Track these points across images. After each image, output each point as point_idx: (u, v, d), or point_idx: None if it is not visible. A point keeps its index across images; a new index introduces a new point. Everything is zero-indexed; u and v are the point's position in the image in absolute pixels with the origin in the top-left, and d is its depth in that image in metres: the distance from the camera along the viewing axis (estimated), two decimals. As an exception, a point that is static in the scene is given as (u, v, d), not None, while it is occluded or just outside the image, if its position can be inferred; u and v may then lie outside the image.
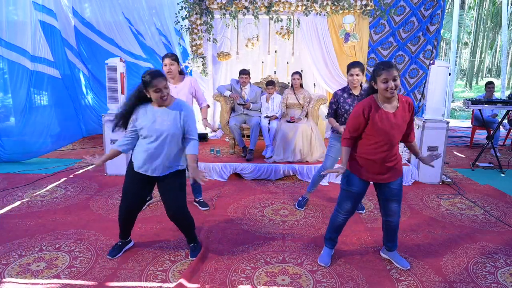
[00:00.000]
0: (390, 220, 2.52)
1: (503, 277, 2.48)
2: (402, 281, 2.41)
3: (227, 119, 5.00)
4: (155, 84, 2.29)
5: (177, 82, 3.34)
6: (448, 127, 4.42)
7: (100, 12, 6.49)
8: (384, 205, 2.51)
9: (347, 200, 2.49)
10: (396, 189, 2.43)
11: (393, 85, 2.16)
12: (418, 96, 6.20)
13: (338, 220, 2.58)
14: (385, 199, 2.48)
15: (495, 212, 3.62)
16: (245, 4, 5.67)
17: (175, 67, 3.26)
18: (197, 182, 2.46)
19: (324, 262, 2.59)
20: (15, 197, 3.82)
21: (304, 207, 3.64)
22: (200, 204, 3.65)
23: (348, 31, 5.80)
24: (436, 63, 4.46)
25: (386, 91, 2.18)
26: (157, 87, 2.30)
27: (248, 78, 4.98)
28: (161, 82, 2.31)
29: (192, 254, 2.67)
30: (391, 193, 2.44)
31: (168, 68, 3.22)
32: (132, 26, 6.58)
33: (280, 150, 4.68)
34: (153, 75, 2.31)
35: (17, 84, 5.15)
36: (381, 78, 2.18)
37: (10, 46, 5.10)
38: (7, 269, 2.47)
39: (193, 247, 2.71)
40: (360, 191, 2.46)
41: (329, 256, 2.64)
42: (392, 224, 2.53)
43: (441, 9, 5.75)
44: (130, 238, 2.80)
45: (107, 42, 6.56)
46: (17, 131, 5.16)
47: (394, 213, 2.49)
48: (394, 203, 2.47)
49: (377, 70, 2.20)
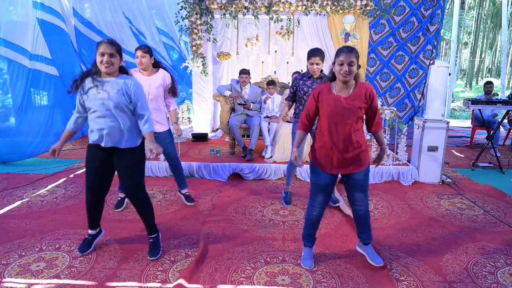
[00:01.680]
0: (357, 208, 2.48)
1: (503, 277, 2.48)
2: (402, 281, 2.41)
3: (227, 119, 5.00)
4: (101, 48, 2.30)
5: (150, 74, 3.34)
6: (448, 127, 4.41)
7: (100, 12, 6.49)
8: (349, 195, 2.48)
9: (318, 193, 2.46)
10: (359, 179, 2.39)
11: (347, 69, 2.18)
12: (418, 96, 6.20)
13: (313, 214, 2.53)
14: (349, 189, 2.45)
15: (495, 212, 3.62)
16: (245, 4, 5.67)
17: (146, 59, 3.26)
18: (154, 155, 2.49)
19: (308, 265, 2.55)
20: (15, 197, 3.82)
21: (291, 202, 3.65)
22: (186, 198, 3.64)
23: (348, 31, 5.80)
24: (436, 63, 4.46)
25: (340, 74, 2.21)
26: (101, 51, 2.30)
27: (248, 77, 4.98)
28: (108, 47, 2.30)
29: (151, 253, 2.62)
30: (354, 183, 2.40)
31: (139, 60, 3.24)
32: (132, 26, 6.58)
33: (280, 150, 4.68)
34: (104, 40, 2.34)
35: (16, 82, 5.13)
36: (338, 59, 2.21)
37: (8, 45, 5.10)
38: (7, 269, 2.47)
39: (152, 243, 2.67)
40: (328, 182, 2.43)
41: (311, 257, 2.59)
42: (360, 213, 2.49)
43: (441, 9, 5.76)
44: (100, 228, 2.78)
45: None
46: (13, 131, 5.12)
47: (360, 201, 2.44)
48: (358, 192, 2.42)
49: (338, 52, 2.25)
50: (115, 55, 2.35)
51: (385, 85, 6.24)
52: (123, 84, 2.40)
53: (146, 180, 4.34)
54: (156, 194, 3.99)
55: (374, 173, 4.49)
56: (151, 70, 3.35)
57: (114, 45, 2.35)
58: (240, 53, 6.36)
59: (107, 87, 2.38)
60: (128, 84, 2.41)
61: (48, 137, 5.39)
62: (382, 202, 3.85)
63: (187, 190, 3.70)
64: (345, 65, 2.18)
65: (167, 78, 3.40)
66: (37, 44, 5.40)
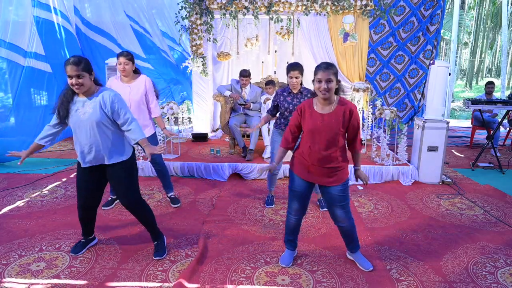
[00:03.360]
0: (340, 225, 2.46)
1: (503, 277, 2.48)
2: (402, 281, 2.41)
3: (227, 119, 5.00)
4: (67, 70, 2.22)
5: (130, 81, 3.32)
6: (448, 127, 4.41)
7: (101, 11, 6.47)
8: (330, 211, 2.47)
9: (293, 199, 2.47)
10: (336, 195, 2.36)
11: (326, 86, 2.17)
12: (418, 96, 6.20)
13: (290, 221, 2.54)
14: (328, 205, 2.45)
15: (495, 212, 3.62)
16: (245, 4, 5.67)
17: (129, 66, 3.24)
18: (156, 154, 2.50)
19: (285, 263, 2.57)
20: (15, 197, 3.82)
21: (273, 204, 3.69)
22: (172, 201, 3.65)
23: (348, 31, 5.80)
24: (436, 63, 4.46)
25: (319, 91, 2.22)
26: (68, 74, 2.23)
27: (248, 80, 4.97)
28: (72, 69, 2.20)
29: (156, 254, 2.64)
30: (332, 199, 2.39)
31: (122, 67, 3.21)
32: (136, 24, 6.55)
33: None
34: (68, 60, 2.22)
35: (12, 81, 5.10)
36: (316, 77, 2.22)
37: (5, 44, 5.10)
38: (7, 269, 2.47)
39: (157, 245, 2.68)
40: (303, 190, 2.43)
41: (291, 257, 2.61)
42: (344, 229, 2.48)
43: (441, 9, 5.76)
44: (94, 235, 2.79)
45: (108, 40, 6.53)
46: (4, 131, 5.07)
47: (341, 219, 2.42)
48: (338, 209, 2.40)
49: (316, 68, 2.24)
50: (83, 75, 2.26)
51: (385, 85, 6.24)
52: (100, 99, 2.34)
53: (146, 180, 4.37)
54: (156, 193, 3.99)
55: (374, 173, 4.49)
56: (131, 76, 3.33)
57: (79, 65, 2.24)
58: (240, 53, 6.36)
59: (87, 106, 2.34)
60: (104, 97, 2.34)
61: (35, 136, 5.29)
62: (382, 202, 3.85)
63: (173, 193, 3.72)
64: (323, 82, 2.17)
65: (147, 82, 3.37)
66: (32, 42, 5.37)
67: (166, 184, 3.66)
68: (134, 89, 3.29)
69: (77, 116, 2.33)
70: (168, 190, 3.68)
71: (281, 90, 3.41)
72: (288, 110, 3.32)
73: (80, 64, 2.24)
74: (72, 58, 2.25)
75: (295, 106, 3.31)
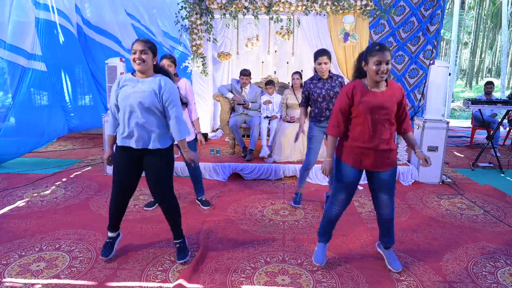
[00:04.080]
0: (382, 212, 2.42)
1: (503, 277, 2.48)
2: (402, 281, 2.41)
3: (227, 119, 5.00)
4: (133, 46, 2.31)
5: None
6: (448, 127, 4.42)
7: (102, 10, 6.43)
8: (374, 196, 2.42)
9: (341, 190, 2.40)
10: (386, 179, 2.32)
11: (385, 68, 2.10)
12: (418, 96, 6.20)
13: (332, 213, 2.48)
14: (375, 190, 2.38)
15: (495, 212, 3.62)
16: (245, 4, 5.67)
17: (172, 68, 3.28)
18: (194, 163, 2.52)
19: (319, 261, 2.53)
20: (15, 197, 3.82)
21: (300, 203, 3.64)
22: (202, 203, 3.67)
23: (348, 31, 5.81)
24: (436, 63, 4.46)
25: (377, 74, 2.12)
26: (133, 49, 2.31)
27: (248, 79, 4.98)
28: (139, 45, 2.30)
29: (179, 256, 2.59)
30: (381, 183, 2.34)
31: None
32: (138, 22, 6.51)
33: (280, 150, 4.68)
34: (137, 39, 2.36)
35: (11, 81, 5.09)
36: (374, 59, 2.11)
37: (5, 45, 5.09)
38: (7, 269, 2.47)
39: (179, 247, 2.64)
40: (354, 180, 2.37)
41: (324, 254, 2.57)
42: (384, 217, 2.44)
43: (441, 9, 5.76)
44: (118, 231, 2.73)
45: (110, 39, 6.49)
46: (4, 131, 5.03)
47: (385, 205, 2.38)
48: (384, 194, 2.36)
49: (371, 50, 2.12)
50: (147, 52, 2.32)
51: (385, 85, 6.24)
52: (156, 83, 2.36)
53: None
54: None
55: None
56: (173, 79, 3.35)
57: (148, 43, 2.35)
58: (240, 53, 6.36)
59: (140, 85, 2.35)
60: (161, 83, 2.36)
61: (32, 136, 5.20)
62: (382, 202, 3.84)
63: (204, 196, 3.73)
64: (383, 64, 2.09)
65: (188, 85, 3.42)
66: (34, 43, 5.36)
67: (199, 188, 3.67)
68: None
69: (127, 94, 2.34)
70: (200, 193, 3.69)
71: (309, 79, 3.39)
72: (321, 95, 3.29)
73: (148, 42, 2.36)
74: (141, 38, 2.39)
75: (328, 91, 3.28)
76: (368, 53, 2.15)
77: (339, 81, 3.36)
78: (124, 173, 2.50)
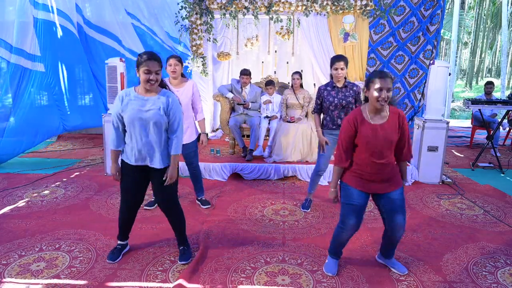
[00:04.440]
0: (397, 234, 2.34)
1: (503, 277, 2.48)
2: (402, 281, 2.41)
3: (227, 119, 5.00)
4: (147, 65, 2.25)
5: (179, 85, 3.34)
6: (448, 127, 4.42)
7: (102, 9, 6.41)
8: (389, 219, 2.32)
9: (351, 214, 2.32)
10: (397, 199, 2.28)
11: (386, 95, 2.11)
12: (418, 96, 6.19)
13: (342, 236, 2.41)
14: (389, 212, 2.30)
15: (495, 212, 3.62)
16: (245, 4, 5.67)
17: (179, 67, 3.27)
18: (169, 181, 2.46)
19: (332, 271, 2.48)
20: (15, 197, 3.82)
21: (309, 208, 3.61)
22: (202, 203, 3.67)
23: (348, 31, 5.80)
24: (436, 63, 4.46)
25: (377, 101, 2.13)
26: (147, 68, 2.26)
27: (249, 78, 4.98)
28: (154, 65, 2.26)
29: (182, 258, 2.60)
30: (393, 204, 2.28)
31: (172, 68, 3.22)
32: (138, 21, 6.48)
33: (280, 150, 4.68)
34: (149, 56, 2.28)
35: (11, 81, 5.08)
36: (375, 86, 2.12)
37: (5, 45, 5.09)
38: (7, 269, 2.47)
39: (182, 250, 2.65)
40: (363, 203, 2.32)
41: (336, 266, 2.52)
42: (398, 237, 2.36)
43: (441, 9, 5.75)
44: (127, 241, 2.76)
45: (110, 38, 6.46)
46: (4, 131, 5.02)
47: (401, 226, 2.30)
48: (399, 215, 2.28)
49: (373, 77, 2.16)
50: (159, 72, 2.30)
51: (385, 85, 6.23)
52: (164, 102, 2.36)
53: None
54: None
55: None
56: (180, 80, 3.36)
57: (160, 61, 2.30)
58: (240, 53, 6.36)
59: (149, 104, 2.34)
60: (169, 101, 2.37)
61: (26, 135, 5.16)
62: (382, 202, 3.84)
63: (204, 196, 3.74)
64: (384, 91, 2.10)
65: (195, 86, 3.42)
66: (33, 43, 5.35)
67: (199, 187, 3.69)
68: (184, 93, 3.32)
69: (134, 111, 2.32)
70: (200, 193, 3.70)
71: (324, 85, 3.37)
72: (333, 104, 3.26)
73: (160, 61, 2.31)
74: (150, 54, 2.30)
75: (340, 100, 3.25)
76: (370, 79, 2.18)
77: (353, 90, 3.31)
78: (132, 189, 2.53)
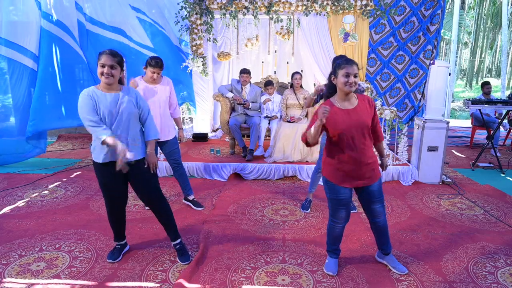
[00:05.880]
0: (377, 220, 2.44)
1: (503, 277, 2.48)
2: (402, 281, 2.41)
3: (227, 119, 5.00)
4: (101, 59, 2.27)
5: (157, 82, 3.36)
6: (448, 127, 4.41)
7: (105, 4, 6.36)
8: (368, 208, 2.44)
9: (339, 208, 2.41)
10: (376, 190, 2.37)
11: (353, 80, 2.18)
12: (418, 96, 6.20)
13: (336, 230, 2.48)
14: (367, 202, 2.42)
15: (495, 212, 3.62)
16: (245, 4, 5.67)
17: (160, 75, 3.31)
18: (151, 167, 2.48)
19: (332, 270, 2.49)
20: (15, 197, 3.82)
21: (309, 208, 3.61)
22: (194, 204, 3.63)
23: (348, 31, 5.81)
24: (436, 63, 4.46)
25: (345, 85, 2.19)
26: (102, 62, 2.27)
27: (248, 77, 4.99)
28: (108, 58, 2.26)
29: (182, 258, 2.59)
30: (371, 195, 2.37)
31: (156, 76, 3.25)
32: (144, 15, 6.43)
33: (280, 150, 4.68)
34: (104, 51, 2.30)
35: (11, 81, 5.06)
36: (342, 71, 2.19)
37: (10, 44, 5.07)
38: (7, 269, 2.47)
39: (179, 248, 2.63)
40: (347, 196, 2.40)
41: (336, 265, 2.54)
42: (379, 225, 2.46)
43: (441, 9, 5.75)
44: (125, 241, 2.75)
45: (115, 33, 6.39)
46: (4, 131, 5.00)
47: (379, 214, 2.42)
48: (377, 204, 2.40)
49: (339, 64, 2.23)
50: (116, 67, 2.31)
51: (385, 85, 6.23)
52: (133, 94, 2.42)
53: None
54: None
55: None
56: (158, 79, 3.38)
57: (116, 56, 2.31)
58: (240, 53, 6.36)
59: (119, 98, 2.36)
60: (137, 94, 2.46)
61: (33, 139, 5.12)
62: (382, 202, 3.84)
63: (193, 196, 3.68)
64: (351, 76, 2.18)
65: (171, 84, 3.43)
66: (35, 43, 5.33)
67: (186, 185, 3.62)
68: (161, 90, 3.34)
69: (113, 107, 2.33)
70: (189, 191, 3.63)
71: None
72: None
73: (116, 56, 2.33)
74: (109, 50, 2.33)
75: None
76: (337, 66, 2.24)
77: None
78: (110, 183, 2.47)
